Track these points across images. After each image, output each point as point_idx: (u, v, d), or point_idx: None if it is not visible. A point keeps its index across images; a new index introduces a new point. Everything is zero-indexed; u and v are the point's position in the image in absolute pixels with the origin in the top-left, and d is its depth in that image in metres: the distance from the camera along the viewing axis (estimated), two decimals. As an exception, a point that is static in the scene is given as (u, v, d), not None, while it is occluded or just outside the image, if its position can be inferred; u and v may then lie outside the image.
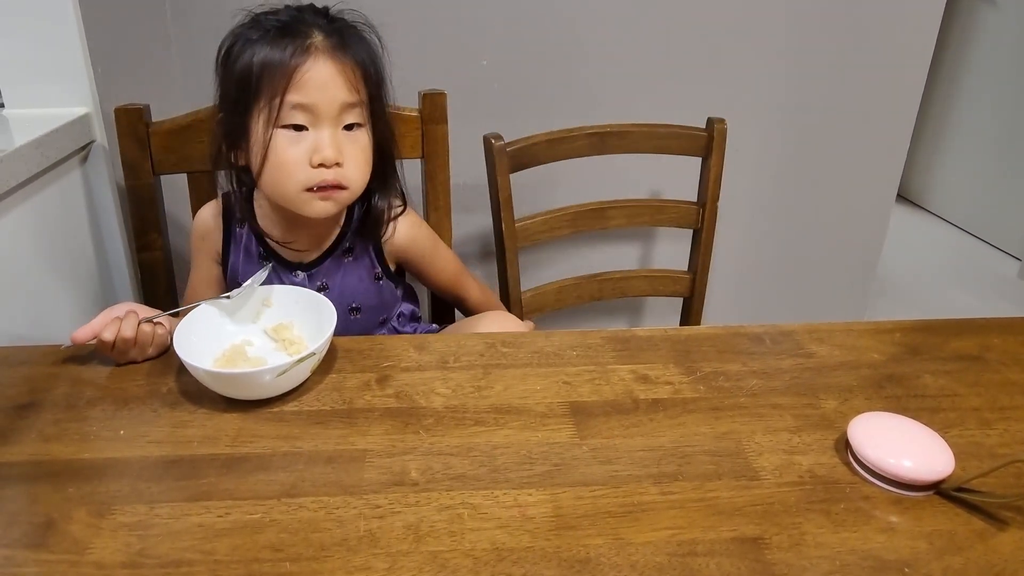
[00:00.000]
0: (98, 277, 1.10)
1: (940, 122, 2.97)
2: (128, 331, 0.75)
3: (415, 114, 1.08)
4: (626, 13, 1.38)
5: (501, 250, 1.21)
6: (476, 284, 1.09)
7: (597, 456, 0.64)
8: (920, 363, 0.79)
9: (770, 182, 1.59)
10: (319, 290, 0.93)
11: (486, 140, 1.16)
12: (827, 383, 0.75)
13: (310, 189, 0.84)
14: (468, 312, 1.09)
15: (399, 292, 1.02)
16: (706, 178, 1.27)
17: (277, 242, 0.93)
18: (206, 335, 0.77)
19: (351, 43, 0.86)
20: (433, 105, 1.07)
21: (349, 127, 0.85)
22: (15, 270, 0.92)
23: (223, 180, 0.93)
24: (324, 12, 0.88)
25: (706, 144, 1.25)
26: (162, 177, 1.06)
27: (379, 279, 0.98)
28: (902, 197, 3.09)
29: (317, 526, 0.57)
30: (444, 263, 1.04)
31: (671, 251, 1.57)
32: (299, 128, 0.83)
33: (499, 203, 1.17)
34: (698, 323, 1.36)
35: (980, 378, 0.77)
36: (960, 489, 0.60)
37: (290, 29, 0.84)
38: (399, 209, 0.96)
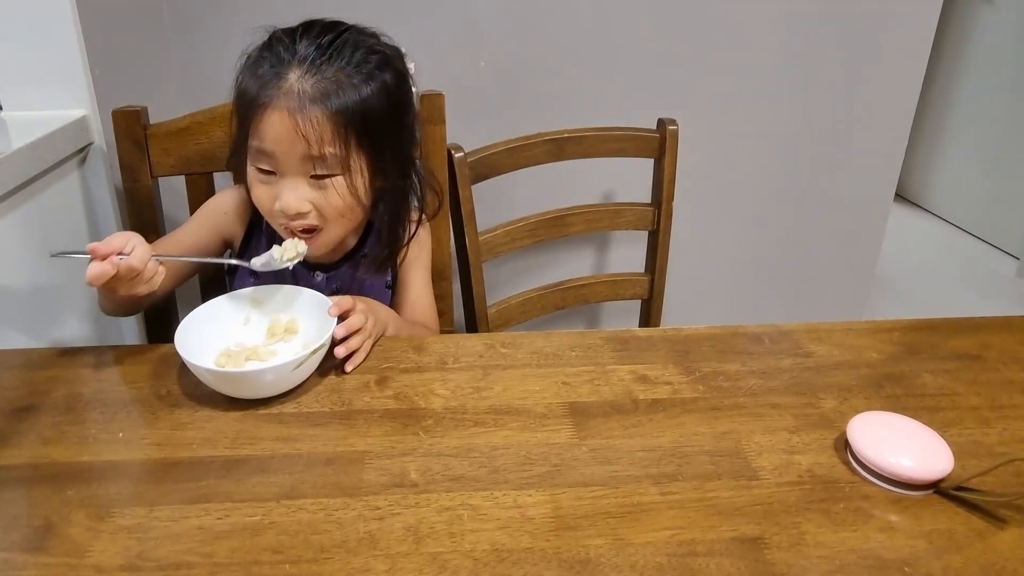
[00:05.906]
0: (97, 279, 1.10)
1: (938, 121, 2.97)
2: (136, 261, 0.70)
3: (413, 115, 1.07)
4: (629, 13, 1.38)
5: (465, 266, 1.18)
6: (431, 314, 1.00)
7: (596, 457, 0.64)
8: (919, 362, 0.79)
9: (769, 181, 1.59)
10: (333, 292, 0.89)
11: (448, 152, 1.11)
12: (826, 382, 0.75)
13: (287, 226, 0.81)
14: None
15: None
16: (659, 179, 1.27)
17: None
18: (207, 334, 0.77)
19: (334, 87, 0.75)
20: (431, 106, 1.07)
21: (319, 176, 0.78)
22: (13, 273, 0.92)
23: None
24: (320, 41, 0.76)
25: (658, 145, 1.25)
26: (160, 179, 1.06)
27: (389, 287, 0.97)
28: (900, 196, 3.09)
29: (317, 528, 0.57)
30: (415, 275, 0.98)
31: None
32: (267, 172, 0.79)
33: (462, 217, 1.14)
34: (658, 324, 1.35)
35: (979, 377, 0.77)
36: (959, 488, 0.60)
37: (270, 61, 0.76)
38: (414, 226, 0.93)
